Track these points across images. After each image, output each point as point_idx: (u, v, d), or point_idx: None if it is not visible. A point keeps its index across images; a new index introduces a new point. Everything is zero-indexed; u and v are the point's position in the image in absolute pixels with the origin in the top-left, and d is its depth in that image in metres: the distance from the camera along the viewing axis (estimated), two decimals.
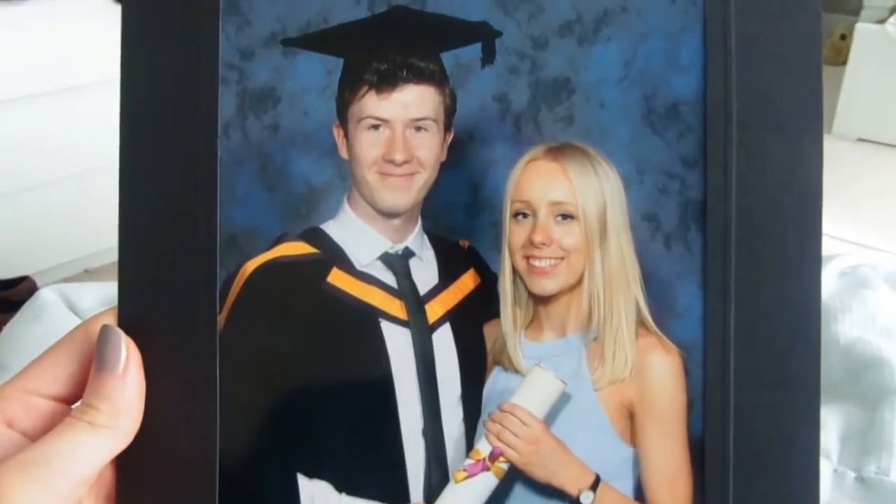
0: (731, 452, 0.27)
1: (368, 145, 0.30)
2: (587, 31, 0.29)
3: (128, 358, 0.27)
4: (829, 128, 2.98)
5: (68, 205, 1.85)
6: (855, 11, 3.25)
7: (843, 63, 2.94)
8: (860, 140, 2.91)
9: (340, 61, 0.30)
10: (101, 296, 0.84)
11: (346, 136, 0.30)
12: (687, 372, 0.28)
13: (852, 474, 0.49)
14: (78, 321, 0.78)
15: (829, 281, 0.74)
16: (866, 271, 0.93)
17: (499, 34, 0.29)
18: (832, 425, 0.53)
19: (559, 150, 0.30)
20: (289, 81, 0.30)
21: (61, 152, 1.80)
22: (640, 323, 0.29)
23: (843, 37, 3.65)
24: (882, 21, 2.85)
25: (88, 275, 1.89)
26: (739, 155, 0.27)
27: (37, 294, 0.79)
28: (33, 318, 0.76)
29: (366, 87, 0.30)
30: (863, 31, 2.82)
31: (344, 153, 0.31)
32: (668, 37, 0.28)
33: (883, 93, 2.82)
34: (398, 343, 0.30)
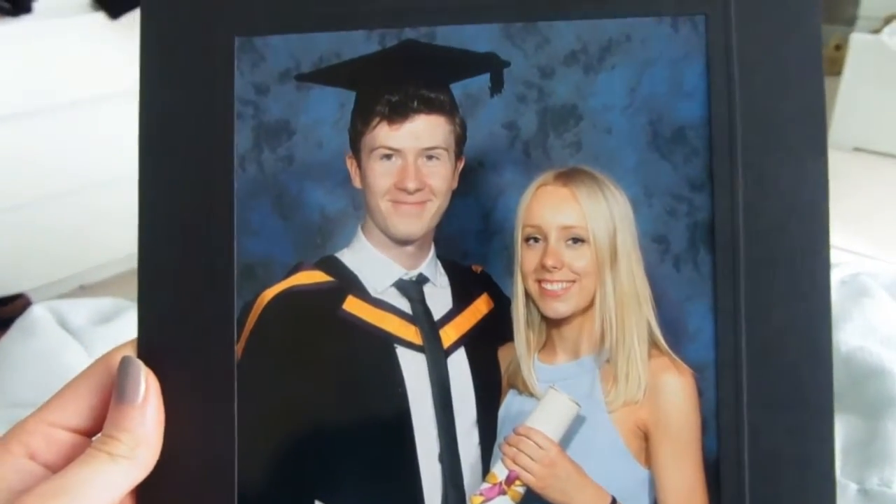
0: (747, 473, 0.27)
1: (381, 174, 0.31)
2: (592, 60, 0.29)
3: (147, 389, 0.27)
4: None
5: (63, 221, 1.84)
6: (850, 22, 3.27)
7: (839, 73, 2.96)
8: (856, 150, 2.91)
9: (353, 94, 0.31)
10: (93, 312, 0.84)
11: (359, 166, 0.31)
12: (700, 392, 0.28)
13: (854, 486, 0.48)
14: (69, 337, 0.77)
15: None
16: (866, 280, 0.93)
17: (507, 64, 0.30)
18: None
19: (568, 175, 0.30)
20: (303, 115, 0.30)
21: (56, 169, 1.79)
22: (653, 344, 0.29)
23: (838, 47, 3.67)
24: (877, 31, 2.87)
25: (84, 291, 1.87)
26: (746, 177, 0.28)
27: (28, 311, 0.79)
28: (25, 335, 0.76)
29: (378, 119, 0.31)
30: (858, 41, 2.84)
31: (357, 183, 0.31)
32: (672, 64, 0.29)
33: (879, 102, 2.83)
34: (414, 368, 0.30)
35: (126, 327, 0.83)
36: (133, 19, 1.80)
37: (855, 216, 2.22)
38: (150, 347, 0.29)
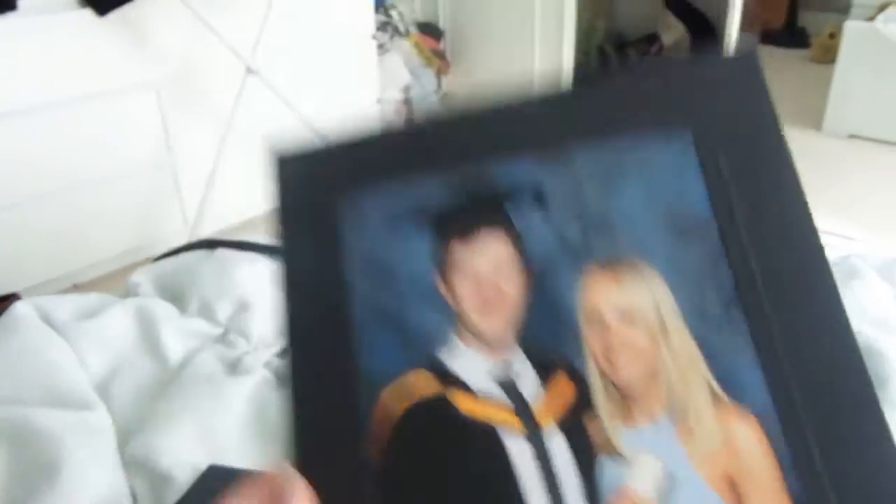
0: None
1: (465, 290, 0.37)
2: (611, 176, 0.37)
3: (304, 500, 0.31)
4: (820, 125, 2.94)
5: (55, 220, 1.80)
6: (844, 10, 3.26)
7: (833, 61, 2.98)
8: (851, 136, 2.90)
9: (433, 229, 0.38)
10: (77, 308, 0.84)
11: (447, 285, 0.38)
12: (770, 438, 0.32)
13: None
14: (53, 333, 0.78)
15: None
16: (856, 262, 0.91)
17: (546, 185, 0.38)
18: None
19: (612, 265, 0.36)
20: (401, 256, 0.38)
21: (47, 167, 1.75)
22: (716, 399, 0.34)
23: (832, 35, 3.69)
24: (871, 19, 2.86)
25: (77, 290, 1.80)
26: (757, 254, 0.34)
27: (11, 308, 0.79)
28: (8, 333, 0.76)
29: (453, 242, 0.38)
30: (852, 28, 2.82)
31: (448, 299, 0.38)
32: (673, 173, 0.36)
33: (873, 89, 2.81)
34: (522, 458, 0.35)
35: (110, 322, 0.82)
36: (120, 16, 1.72)
37: (848, 202, 2.21)
38: (306, 461, 0.34)
